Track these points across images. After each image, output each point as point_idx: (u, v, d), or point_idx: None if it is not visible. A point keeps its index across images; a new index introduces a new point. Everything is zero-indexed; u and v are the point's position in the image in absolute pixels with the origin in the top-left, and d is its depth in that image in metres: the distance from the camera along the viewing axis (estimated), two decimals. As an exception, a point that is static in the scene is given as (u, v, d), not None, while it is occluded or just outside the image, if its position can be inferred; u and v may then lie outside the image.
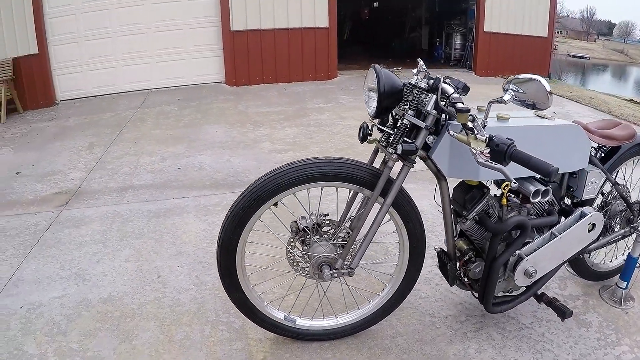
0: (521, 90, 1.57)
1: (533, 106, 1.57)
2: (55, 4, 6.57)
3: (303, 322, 1.92)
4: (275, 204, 1.63)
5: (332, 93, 7.31)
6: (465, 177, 1.73)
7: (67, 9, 6.59)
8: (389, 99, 1.59)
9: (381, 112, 1.63)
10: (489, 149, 1.40)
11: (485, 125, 1.49)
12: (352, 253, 1.71)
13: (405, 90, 1.63)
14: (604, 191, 2.20)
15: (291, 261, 1.76)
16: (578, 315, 2.15)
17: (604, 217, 2.17)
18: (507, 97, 1.56)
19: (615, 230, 2.27)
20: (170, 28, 7.33)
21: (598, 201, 2.21)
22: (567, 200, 2.08)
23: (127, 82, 7.36)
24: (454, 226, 1.86)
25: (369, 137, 1.69)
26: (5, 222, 3.24)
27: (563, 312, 1.88)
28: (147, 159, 4.49)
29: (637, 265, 2.22)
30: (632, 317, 2.15)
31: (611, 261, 2.47)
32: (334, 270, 1.70)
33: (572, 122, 1.90)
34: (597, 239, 2.11)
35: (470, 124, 1.43)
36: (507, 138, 1.39)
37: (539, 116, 1.85)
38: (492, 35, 8.19)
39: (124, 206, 3.44)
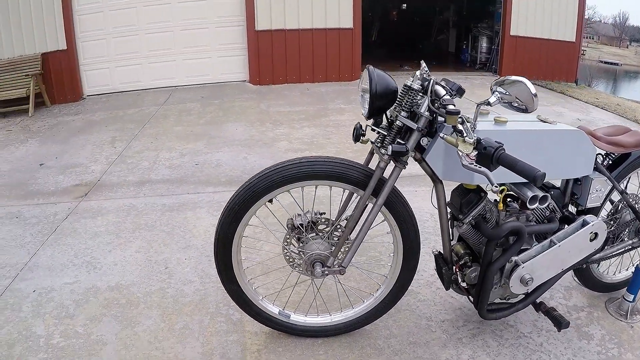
0: (507, 93, 1.56)
1: (522, 109, 1.56)
2: (84, 1, 6.82)
3: (297, 318, 1.96)
4: (270, 201, 1.67)
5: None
6: (460, 180, 1.72)
7: (96, 6, 6.84)
8: (382, 100, 1.61)
9: (374, 113, 1.65)
10: (476, 152, 1.40)
11: (474, 128, 1.49)
12: (345, 252, 1.74)
13: (402, 91, 1.64)
14: (614, 200, 2.16)
15: (287, 257, 1.79)
16: (580, 326, 2.11)
17: (613, 227, 2.14)
18: (492, 99, 1.57)
19: (625, 240, 2.20)
20: (196, 27, 7.49)
21: (606, 210, 2.16)
22: (573, 208, 2.04)
23: (152, 79, 7.56)
24: (450, 230, 1.86)
25: (362, 138, 1.71)
26: (26, 211, 3.39)
27: (560, 323, 1.86)
28: (166, 154, 4.62)
29: None
30: (637, 332, 2.09)
31: (620, 272, 2.41)
32: (325, 268, 1.73)
33: (577, 127, 1.88)
34: (602, 248, 2.07)
35: (460, 127, 1.44)
36: (495, 141, 1.39)
37: (542, 120, 1.83)
38: (519, 39, 8.05)
39: (140, 199, 3.55)
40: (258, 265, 2.45)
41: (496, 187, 1.42)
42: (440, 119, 1.62)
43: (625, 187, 2.17)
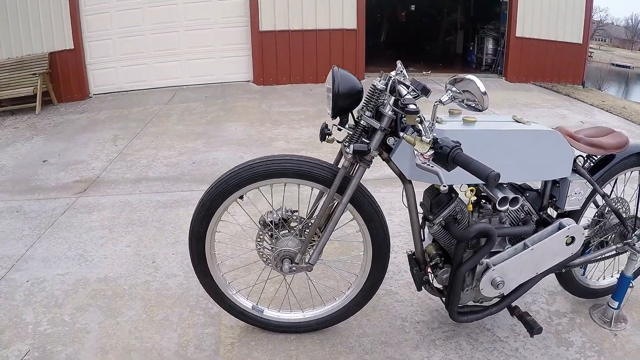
0: (460, 91, 1.57)
1: (477, 108, 1.56)
2: (90, 2, 7.02)
3: (270, 313, 2.01)
4: (241, 197, 1.76)
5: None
6: (427, 180, 1.70)
7: (102, 6, 7.03)
8: (346, 100, 1.63)
9: (339, 113, 1.67)
10: (432, 151, 1.43)
11: (432, 128, 1.51)
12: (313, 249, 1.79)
13: (369, 91, 1.66)
14: (599, 203, 2.13)
15: (260, 254, 1.87)
16: (560, 333, 2.09)
17: (596, 231, 2.13)
18: (444, 97, 1.58)
19: (609, 245, 2.17)
20: (201, 27, 7.64)
21: (590, 214, 2.14)
22: (553, 212, 2.01)
23: (158, 79, 7.73)
24: (421, 230, 1.86)
25: (327, 137, 1.74)
26: (27, 206, 3.54)
27: (532, 328, 1.83)
28: (165, 152, 4.75)
29: (630, 285, 2.11)
30: (620, 340, 2.05)
31: (604, 278, 2.38)
32: (293, 265, 1.78)
33: (555, 128, 1.86)
34: (582, 253, 2.06)
35: (419, 126, 1.46)
36: (452, 141, 1.41)
37: (516, 121, 1.81)
38: (524, 40, 8.06)
39: (136, 196, 3.68)
40: (234, 260, 2.53)
41: (444, 186, 1.45)
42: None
43: (612, 191, 2.14)
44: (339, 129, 1.72)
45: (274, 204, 1.87)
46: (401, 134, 1.57)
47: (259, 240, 1.84)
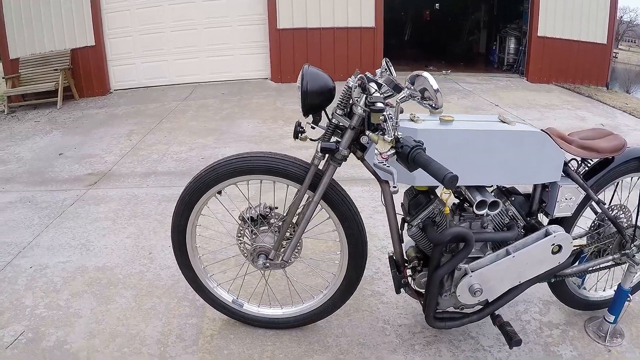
0: (415, 89, 1.55)
1: (433, 106, 1.54)
2: (111, 0, 7.23)
3: (250, 308, 2.05)
4: (220, 192, 1.83)
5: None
6: (400, 181, 1.61)
7: (123, 4, 7.26)
8: (315, 99, 1.63)
9: (309, 111, 1.67)
10: (393, 151, 1.41)
11: (397, 127, 1.45)
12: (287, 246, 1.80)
13: (344, 89, 1.65)
14: (598, 210, 2.01)
15: (241, 249, 1.92)
16: (549, 345, 2.00)
17: (593, 239, 2.04)
18: (401, 95, 1.56)
19: (606, 255, 2.05)
20: (220, 25, 7.79)
21: (587, 222, 2.04)
22: (546, 218, 1.92)
23: (177, 75, 7.92)
24: (400, 232, 1.83)
25: (300, 135, 1.73)
26: (39, 196, 3.72)
27: (510, 339, 1.76)
28: (176, 148, 4.89)
29: (628, 299, 1.99)
30: (613, 355, 1.94)
31: (604, 290, 2.24)
32: (267, 261, 1.81)
33: (545, 129, 1.78)
34: (572, 262, 1.96)
35: (383, 124, 1.43)
36: (414, 140, 1.38)
37: (501, 121, 1.74)
38: (546, 40, 7.90)
39: (143, 190, 3.81)
40: (219, 254, 2.56)
41: (394, 188, 1.42)
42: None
43: (612, 197, 2.04)
44: (313, 127, 1.73)
45: (268, 201, 1.87)
46: (367, 132, 1.55)
47: (239, 235, 1.90)
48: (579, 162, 1.90)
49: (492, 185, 1.83)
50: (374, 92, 1.54)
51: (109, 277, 2.52)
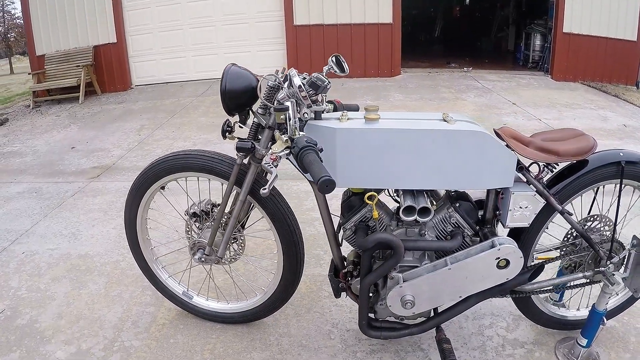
0: (292, 87, 1.55)
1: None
2: (132, -2, 7.65)
3: (199, 300, 2.17)
4: (163, 187, 2.01)
5: (387, 90, 7.48)
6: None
7: (144, 2, 7.63)
8: (235, 99, 1.66)
9: (231, 110, 1.71)
10: (288, 151, 1.44)
11: (296, 127, 1.46)
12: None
13: (267, 89, 1.64)
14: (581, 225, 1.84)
15: (189, 242, 2.05)
16: None
17: (563, 253, 1.88)
18: (279, 95, 1.56)
19: (577, 273, 1.89)
20: (237, 21, 8.04)
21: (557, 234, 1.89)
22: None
23: (195, 71, 8.24)
24: (336, 234, 1.82)
25: (227, 134, 1.78)
26: (45, 187, 4.05)
27: (444, 358, 1.69)
28: (180, 143, 5.15)
29: (602, 322, 1.81)
30: None
31: (579, 309, 2.06)
32: (203, 255, 1.91)
33: (499, 128, 1.69)
34: (527, 279, 1.78)
35: (286, 124, 1.45)
36: (306, 141, 1.36)
37: (443, 119, 1.64)
38: (572, 36, 7.69)
39: (158, 182, 4.07)
40: (173, 245, 2.71)
41: (264, 189, 1.44)
42: (306, 116, 1.60)
43: (590, 207, 1.86)
44: (240, 127, 1.79)
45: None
46: (275, 131, 1.58)
47: (187, 230, 2.07)
48: (541, 166, 1.73)
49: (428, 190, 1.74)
50: (282, 94, 1.57)
51: (87, 264, 2.77)
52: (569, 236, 1.87)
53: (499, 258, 1.63)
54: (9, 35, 21.47)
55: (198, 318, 2.24)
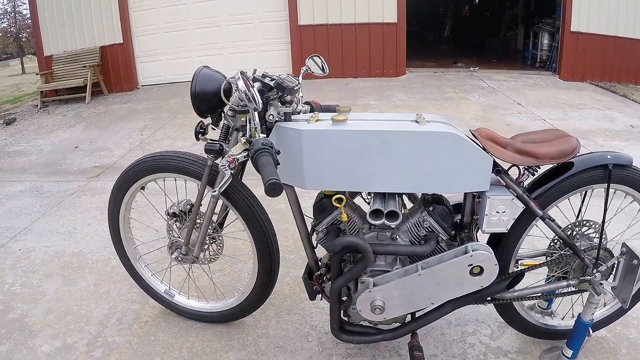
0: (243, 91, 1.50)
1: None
2: (138, -1, 7.80)
3: (180, 299, 2.23)
4: (143, 188, 2.09)
5: (390, 90, 7.50)
6: (292, 183, 1.68)
7: (149, 3, 7.78)
8: (208, 100, 1.68)
9: (205, 111, 1.74)
10: (245, 153, 1.46)
11: (257, 130, 1.48)
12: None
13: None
14: (568, 231, 1.79)
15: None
16: None
17: (547, 260, 1.82)
18: (231, 99, 1.56)
19: (562, 281, 1.82)
20: (242, 22, 8.14)
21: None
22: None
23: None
24: (310, 237, 1.82)
25: (200, 136, 1.83)
26: (46, 186, 4.18)
27: None
28: (181, 143, 5.25)
29: (588, 333, 1.76)
30: None
31: (564, 319, 2.01)
32: (180, 255, 1.96)
33: (475, 129, 1.67)
34: (507, 286, 1.75)
35: (248, 126, 1.47)
36: (262, 144, 1.36)
37: (416, 120, 1.62)
38: (580, 35, 7.63)
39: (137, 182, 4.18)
40: (154, 245, 2.76)
41: (214, 191, 1.47)
42: (273, 117, 1.62)
43: (579, 212, 1.80)
44: (213, 128, 1.84)
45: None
46: (239, 133, 1.61)
47: (168, 229, 2.14)
48: (522, 170, 1.69)
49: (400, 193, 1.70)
50: (233, 95, 1.59)
51: (80, 262, 2.87)
52: (554, 243, 1.81)
53: (471, 265, 1.58)
54: (20, 35, 21.95)
55: (180, 317, 2.31)
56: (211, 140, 1.80)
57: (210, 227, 1.99)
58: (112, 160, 4.80)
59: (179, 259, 2.01)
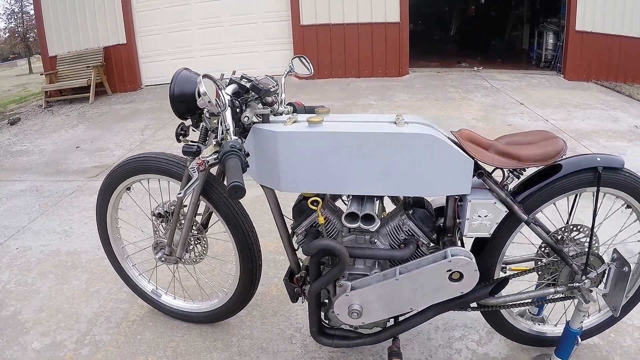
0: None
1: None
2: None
3: (167, 299, 2.27)
4: (129, 188, 2.13)
5: (392, 90, 7.51)
6: (269, 185, 1.69)
7: (153, 3, 7.86)
8: (187, 102, 1.69)
9: (184, 113, 1.76)
10: (216, 155, 1.46)
11: (228, 131, 1.47)
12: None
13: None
14: (557, 235, 1.74)
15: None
16: None
17: (537, 267, 1.78)
18: (199, 102, 1.46)
19: (549, 287, 1.78)
20: (245, 22, 8.20)
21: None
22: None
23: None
24: (291, 239, 1.81)
25: (181, 137, 1.85)
26: (46, 186, 4.25)
27: None
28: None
29: (576, 341, 1.74)
30: None
31: (556, 326, 1.96)
32: (163, 255, 2.00)
33: (457, 131, 1.63)
34: (497, 291, 1.71)
35: (221, 128, 1.48)
36: (231, 146, 1.35)
37: (394, 122, 1.59)
38: (585, 34, 7.57)
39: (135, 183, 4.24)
40: (142, 243, 2.72)
41: (179, 193, 1.49)
42: (255, 118, 1.64)
43: (569, 216, 1.73)
44: (193, 130, 1.86)
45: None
46: (214, 135, 1.60)
47: (154, 230, 2.19)
48: (506, 172, 1.64)
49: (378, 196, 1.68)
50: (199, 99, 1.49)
51: (74, 261, 2.93)
52: (542, 248, 1.77)
53: (450, 270, 1.55)
54: (27, 35, 22.19)
55: (167, 316, 2.35)
56: (191, 141, 1.83)
57: (194, 228, 2.02)
58: (112, 160, 4.86)
59: (163, 259, 2.05)
